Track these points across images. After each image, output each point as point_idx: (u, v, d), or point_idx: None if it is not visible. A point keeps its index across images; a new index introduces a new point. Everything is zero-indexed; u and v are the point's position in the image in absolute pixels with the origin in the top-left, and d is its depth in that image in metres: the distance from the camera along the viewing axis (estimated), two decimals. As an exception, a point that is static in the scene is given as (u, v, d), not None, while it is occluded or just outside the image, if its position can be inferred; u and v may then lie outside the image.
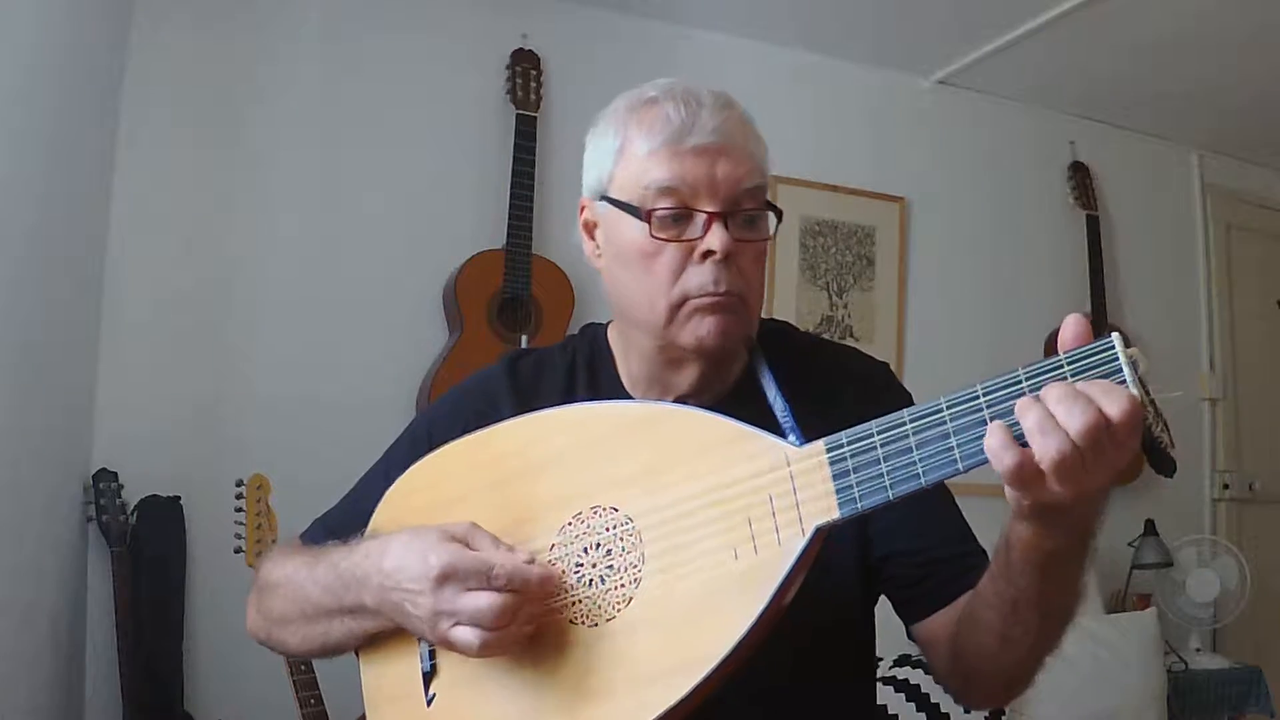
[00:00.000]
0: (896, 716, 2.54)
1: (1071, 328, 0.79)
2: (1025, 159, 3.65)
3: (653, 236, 1.04)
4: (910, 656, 2.63)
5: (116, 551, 2.25)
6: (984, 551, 1.07)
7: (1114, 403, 0.73)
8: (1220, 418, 3.87)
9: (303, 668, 2.09)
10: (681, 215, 1.04)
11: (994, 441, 0.76)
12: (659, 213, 1.03)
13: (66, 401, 2.31)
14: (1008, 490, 0.79)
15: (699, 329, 1.05)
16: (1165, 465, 0.79)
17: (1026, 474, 0.76)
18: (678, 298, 1.04)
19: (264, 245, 2.67)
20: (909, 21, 3.15)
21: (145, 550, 2.30)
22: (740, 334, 1.08)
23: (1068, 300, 3.59)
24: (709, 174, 1.03)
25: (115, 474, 2.31)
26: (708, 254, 1.03)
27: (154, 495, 2.37)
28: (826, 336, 3.22)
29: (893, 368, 1.21)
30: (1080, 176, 3.66)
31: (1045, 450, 0.74)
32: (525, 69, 2.88)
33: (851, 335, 3.31)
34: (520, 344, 2.67)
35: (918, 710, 2.55)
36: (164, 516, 2.37)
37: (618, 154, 1.08)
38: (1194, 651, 3.31)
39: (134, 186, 2.53)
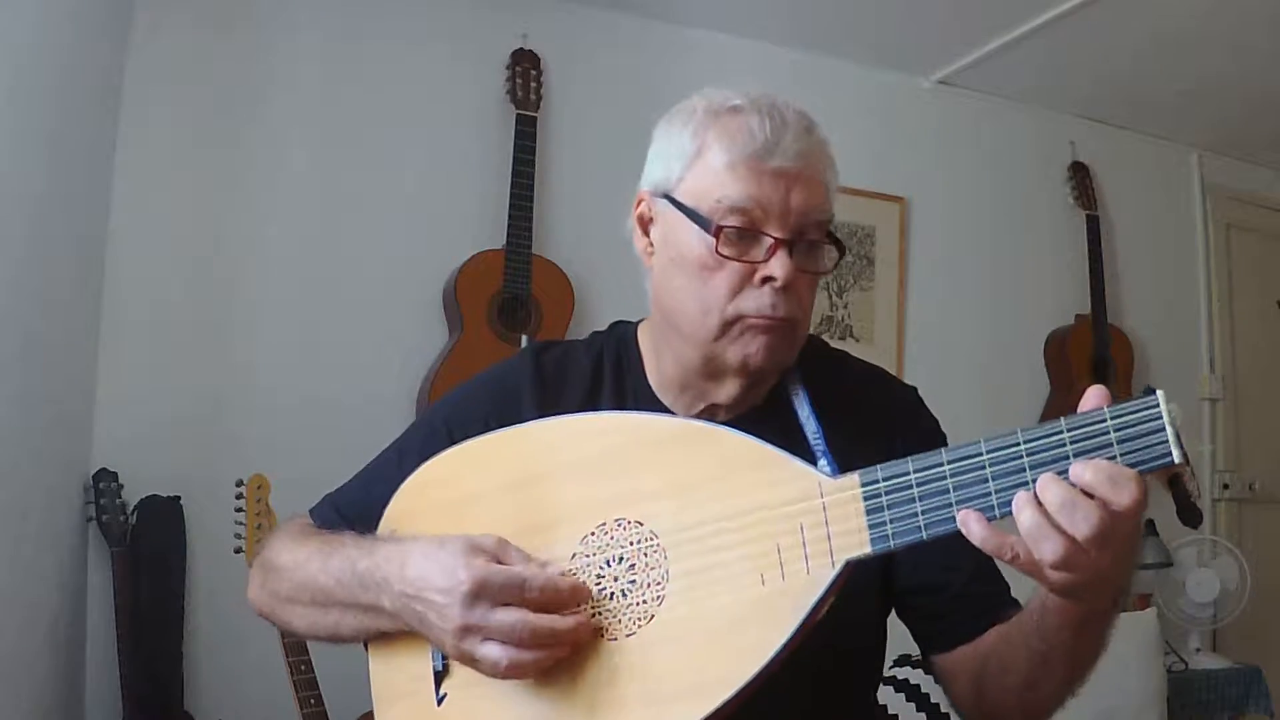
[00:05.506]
0: (896, 716, 2.54)
1: (1093, 400, 0.79)
2: (1025, 159, 3.65)
3: (717, 253, 1.02)
4: (910, 656, 2.62)
5: (116, 551, 2.25)
6: (1008, 588, 1.08)
7: (1122, 494, 0.74)
8: (1220, 418, 3.87)
9: (302, 668, 2.09)
10: (747, 234, 1.02)
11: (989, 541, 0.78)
12: (726, 230, 1.02)
13: (66, 401, 2.31)
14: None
15: (747, 347, 1.04)
16: (1194, 518, 0.79)
17: (1034, 570, 0.78)
18: (732, 315, 1.04)
19: (264, 245, 2.67)
20: (909, 21, 3.15)
21: (145, 550, 2.30)
22: (787, 357, 1.08)
23: (1068, 300, 3.59)
24: (783, 199, 1.02)
25: (115, 474, 2.31)
26: (768, 279, 1.02)
27: (154, 495, 2.37)
28: (826, 337, 3.22)
29: (893, 367, 1.22)
30: (1080, 176, 3.66)
31: (1043, 555, 0.76)
32: (525, 69, 2.87)
33: (851, 335, 3.31)
34: (520, 344, 2.66)
35: (918, 710, 2.55)
36: (164, 516, 2.37)
37: (693, 158, 1.05)
38: (1194, 651, 3.31)
39: (134, 186, 2.52)
